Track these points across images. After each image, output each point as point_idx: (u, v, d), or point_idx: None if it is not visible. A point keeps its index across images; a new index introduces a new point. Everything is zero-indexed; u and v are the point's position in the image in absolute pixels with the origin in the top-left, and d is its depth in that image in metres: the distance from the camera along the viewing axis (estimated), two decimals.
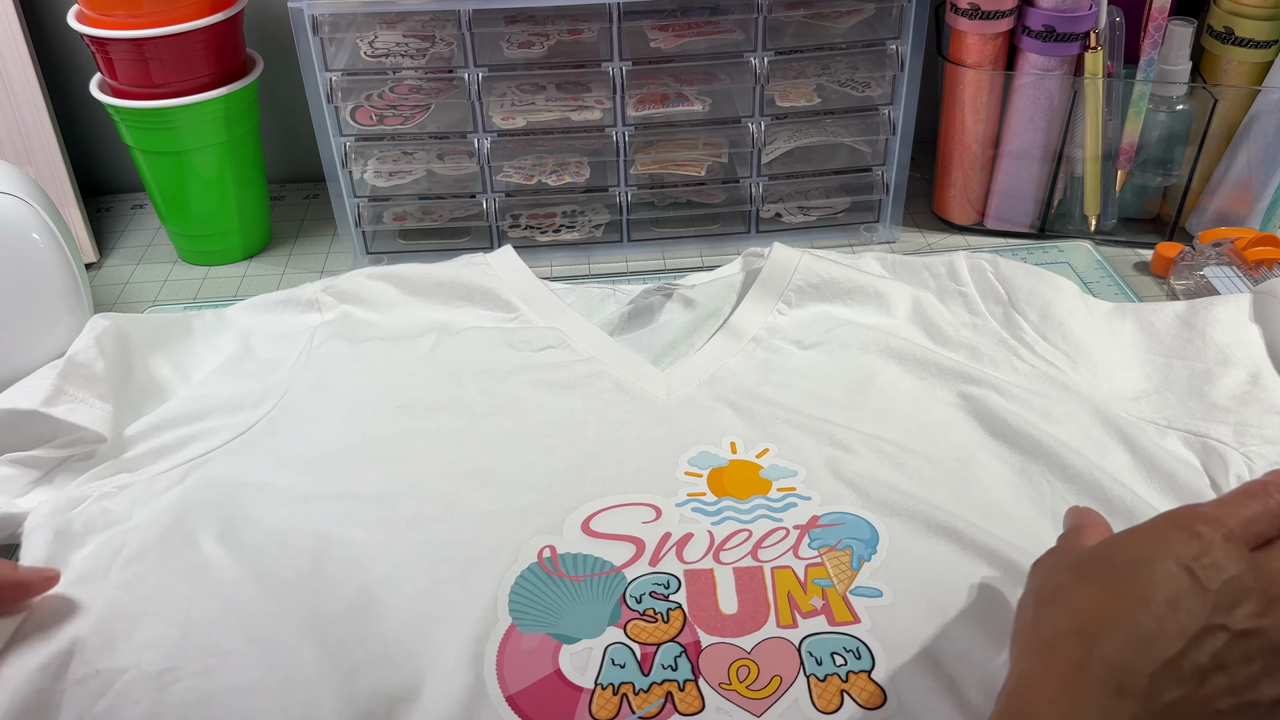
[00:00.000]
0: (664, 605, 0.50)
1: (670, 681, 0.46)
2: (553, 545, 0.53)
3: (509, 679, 0.46)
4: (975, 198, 0.83)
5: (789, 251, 0.71)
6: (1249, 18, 0.73)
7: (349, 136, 0.76)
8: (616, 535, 0.54)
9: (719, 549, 0.53)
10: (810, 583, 0.51)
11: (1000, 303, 0.67)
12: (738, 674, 0.47)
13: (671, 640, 0.48)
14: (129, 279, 0.82)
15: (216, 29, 0.74)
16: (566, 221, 0.82)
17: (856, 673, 0.46)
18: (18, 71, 0.79)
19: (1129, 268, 0.79)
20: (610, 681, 0.46)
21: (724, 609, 0.50)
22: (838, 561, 0.52)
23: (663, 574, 0.52)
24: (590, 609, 0.50)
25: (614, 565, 0.52)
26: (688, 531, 0.54)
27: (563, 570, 0.52)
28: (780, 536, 0.53)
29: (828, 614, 0.49)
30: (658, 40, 0.74)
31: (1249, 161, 0.76)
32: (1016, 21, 0.75)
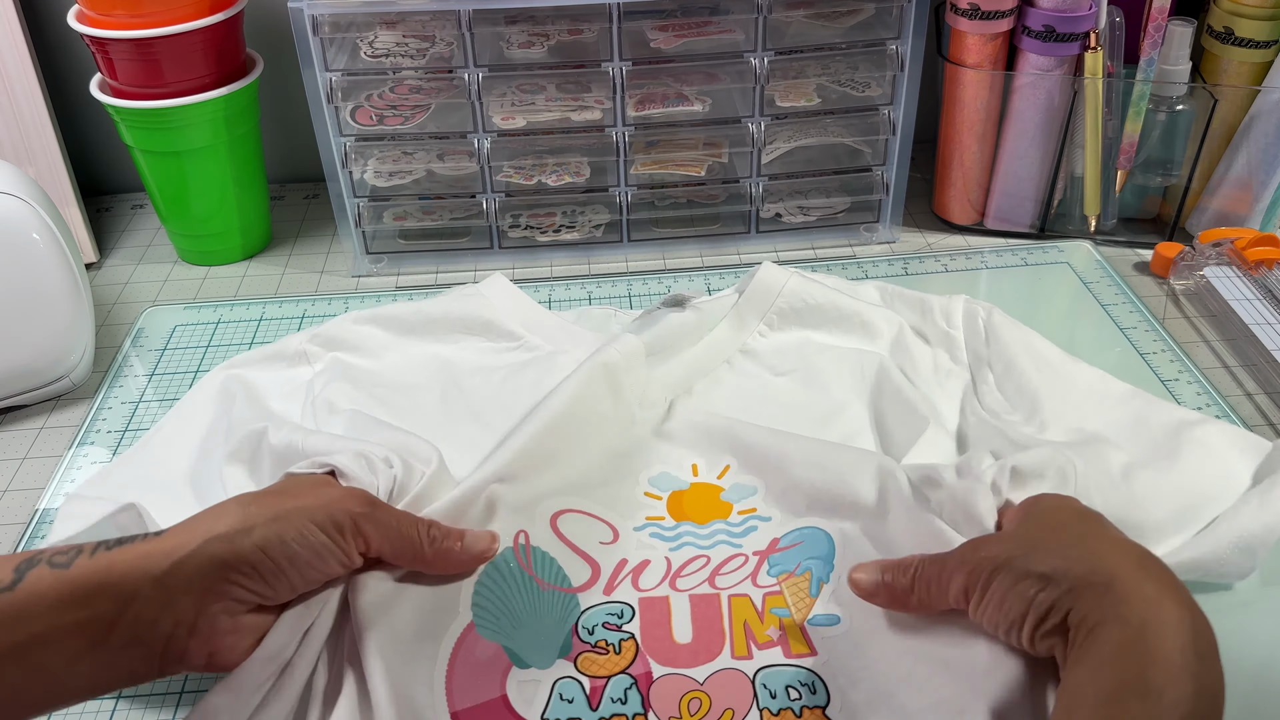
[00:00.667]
0: (616, 636, 0.49)
1: (619, 716, 0.45)
2: (527, 531, 0.52)
3: (457, 693, 0.45)
4: (975, 198, 0.83)
5: (776, 273, 0.68)
6: (1249, 18, 0.73)
7: (349, 136, 0.76)
8: (577, 549, 0.52)
9: (675, 575, 0.51)
10: (768, 612, 0.49)
11: (977, 353, 0.64)
12: (689, 707, 0.46)
13: (622, 672, 0.47)
14: (129, 279, 0.83)
15: (216, 29, 0.74)
16: (566, 221, 0.82)
17: (811, 708, 0.45)
18: (18, 71, 0.79)
19: (1129, 268, 0.79)
20: (556, 716, 0.45)
21: (678, 638, 0.48)
22: (796, 589, 0.50)
23: (617, 603, 0.50)
24: (546, 629, 0.48)
25: (572, 585, 0.51)
26: (644, 559, 0.52)
27: (532, 567, 0.50)
28: (739, 564, 0.52)
29: (784, 645, 0.48)
30: (658, 40, 0.74)
31: (1249, 161, 0.76)
32: (1016, 21, 0.75)
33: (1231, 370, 0.68)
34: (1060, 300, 0.75)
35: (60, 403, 0.69)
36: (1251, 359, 0.69)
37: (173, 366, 0.71)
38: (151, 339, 0.75)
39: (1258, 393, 0.66)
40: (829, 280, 0.70)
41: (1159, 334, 0.71)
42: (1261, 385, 0.67)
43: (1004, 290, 0.76)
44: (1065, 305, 0.75)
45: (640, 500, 0.55)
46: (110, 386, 0.70)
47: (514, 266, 0.82)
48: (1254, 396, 0.66)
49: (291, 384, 0.64)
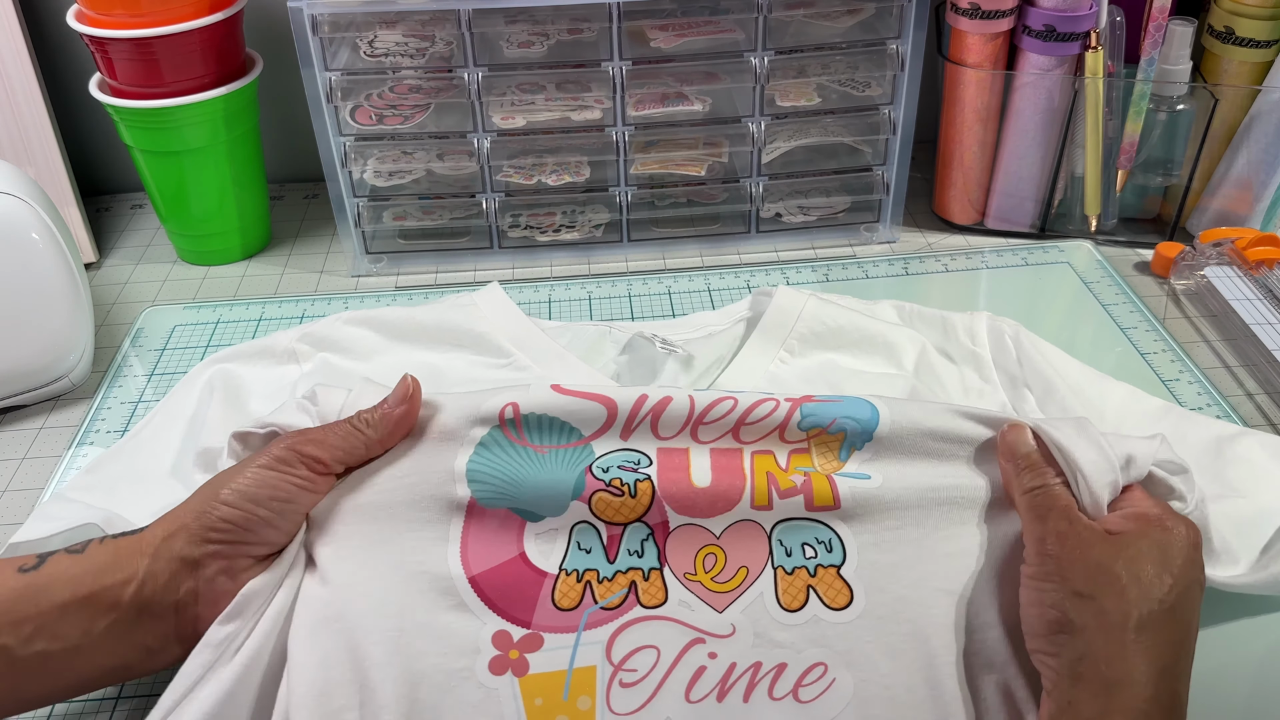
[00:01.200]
0: (632, 477, 0.47)
1: (635, 570, 0.45)
2: (516, 402, 0.48)
3: (472, 559, 0.45)
4: (975, 197, 0.83)
5: (793, 296, 0.66)
6: (1249, 17, 0.72)
7: (349, 136, 0.76)
8: (586, 393, 0.48)
9: (698, 421, 0.48)
10: (793, 468, 0.48)
11: (1010, 373, 0.62)
12: (704, 563, 0.46)
13: (638, 520, 0.46)
14: (128, 279, 0.82)
15: (216, 29, 0.74)
16: (566, 221, 0.82)
17: (825, 567, 0.45)
18: (17, 71, 0.79)
19: (1129, 268, 0.78)
20: (575, 568, 0.45)
21: (696, 482, 0.47)
22: (825, 448, 0.48)
23: (633, 450, 0.48)
24: (554, 478, 0.47)
25: (582, 435, 0.48)
26: (666, 395, 0.48)
27: (525, 437, 0.48)
28: (769, 409, 0.48)
29: (807, 494, 0.46)
30: (658, 40, 0.74)
31: (1249, 161, 0.76)
32: (1017, 21, 0.75)
33: (1232, 370, 0.68)
34: (1061, 300, 0.75)
35: (60, 403, 0.69)
36: (1252, 359, 0.69)
37: (172, 366, 0.71)
38: (151, 339, 0.75)
39: (1258, 392, 0.66)
40: (845, 300, 0.68)
41: (1159, 334, 0.71)
42: (1262, 385, 0.67)
43: (1004, 290, 0.76)
44: (1066, 305, 0.75)
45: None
46: (110, 386, 0.70)
47: (514, 266, 0.82)
48: (1254, 396, 0.66)
49: (277, 383, 0.63)
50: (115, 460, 0.59)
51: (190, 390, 0.63)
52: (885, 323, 0.65)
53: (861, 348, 0.64)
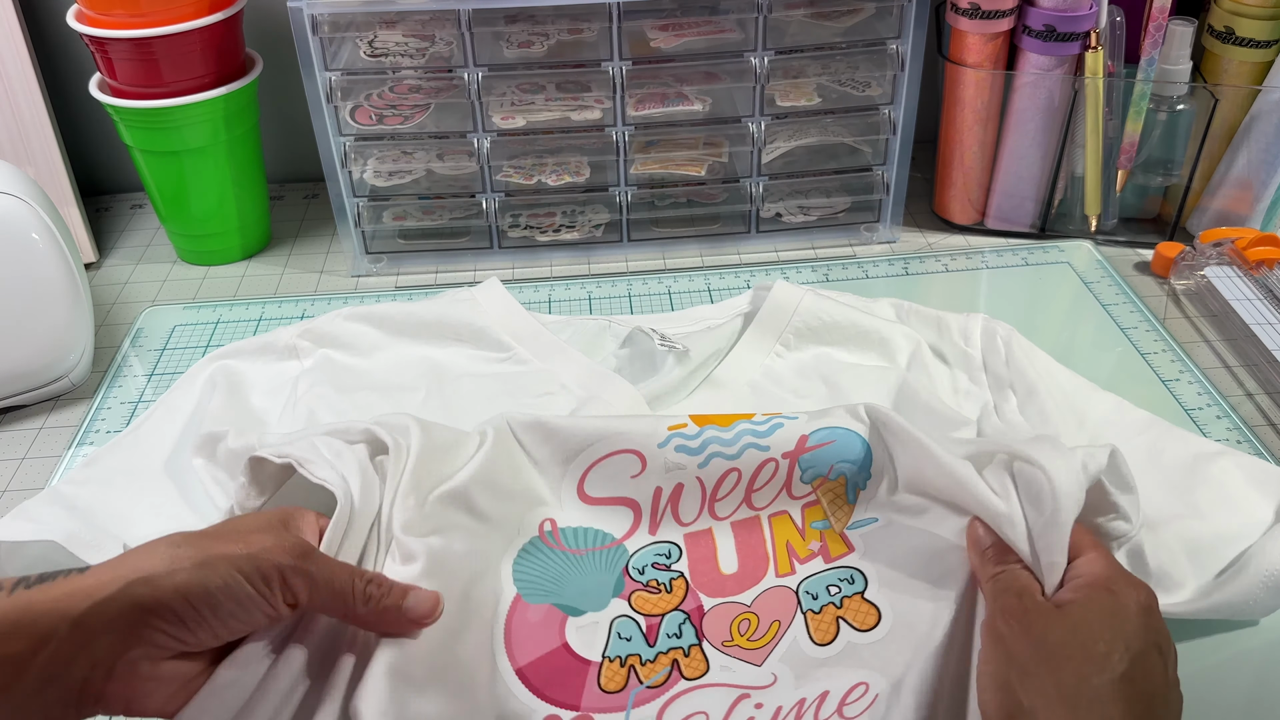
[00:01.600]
0: (666, 575, 0.50)
1: (675, 649, 0.47)
2: (553, 519, 0.52)
3: (517, 652, 0.46)
4: (976, 197, 0.83)
5: (790, 290, 0.67)
6: (1249, 17, 0.72)
7: (348, 136, 0.76)
8: (611, 499, 0.52)
9: (712, 501, 0.52)
10: (808, 527, 0.51)
11: (997, 374, 0.63)
12: (739, 629, 0.48)
13: (675, 609, 0.49)
14: (128, 279, 0.82)
15: (216, 28, 0.74)
16: (566, 221, 0.82)
17: (850, 596, 0.48)
18: (17, 71, 0.79)
19: (1130, 268, 0.78)
20: (617, 654, 0.47)
21: (724, 569, 0.50)
22: (833, 495, 0.52)
23: (663, 543, 0.51)
24: (594, 580, 0.50)
25: (615, 537, 0.52)
26: (677, 483, 0.52)
27: (564, 544, 0.51)
28: (770, 472, 0.51)
29: (824, 553, 0.50)
30: (658, 40, 0.74)
31: (1249, 161, 0.76)
32: (1017, 21, 0.75)
33: (1232, 370, 0.68)
34: (1061, 300, 0.75)
35: (59, 403, 0.69)
36: (1252, 359, 0.69)
37: (172, 366, 0.71)
38: (151, 339, 0.74)
39: (1258, 393, 0.66)
40: (843, 297, 0.68)
41: (1160, 334, 0.71)
42: (1262, 385, 0.67)
43: (1004, 290, 0.76)
44: (1066, 305, 0.75)
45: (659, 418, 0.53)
46: (109, 386, 0.70)
47: (514, 266, 0.82)
48: (1255, 396, 0.66)
49: (279, 378, 0.64)
50: (113, 454, 0.59)
51: (191, 386, 0.63)
52: (881, 319, 0.66)
53: (856, 343, 0.65)
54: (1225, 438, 0.62)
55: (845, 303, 0.67)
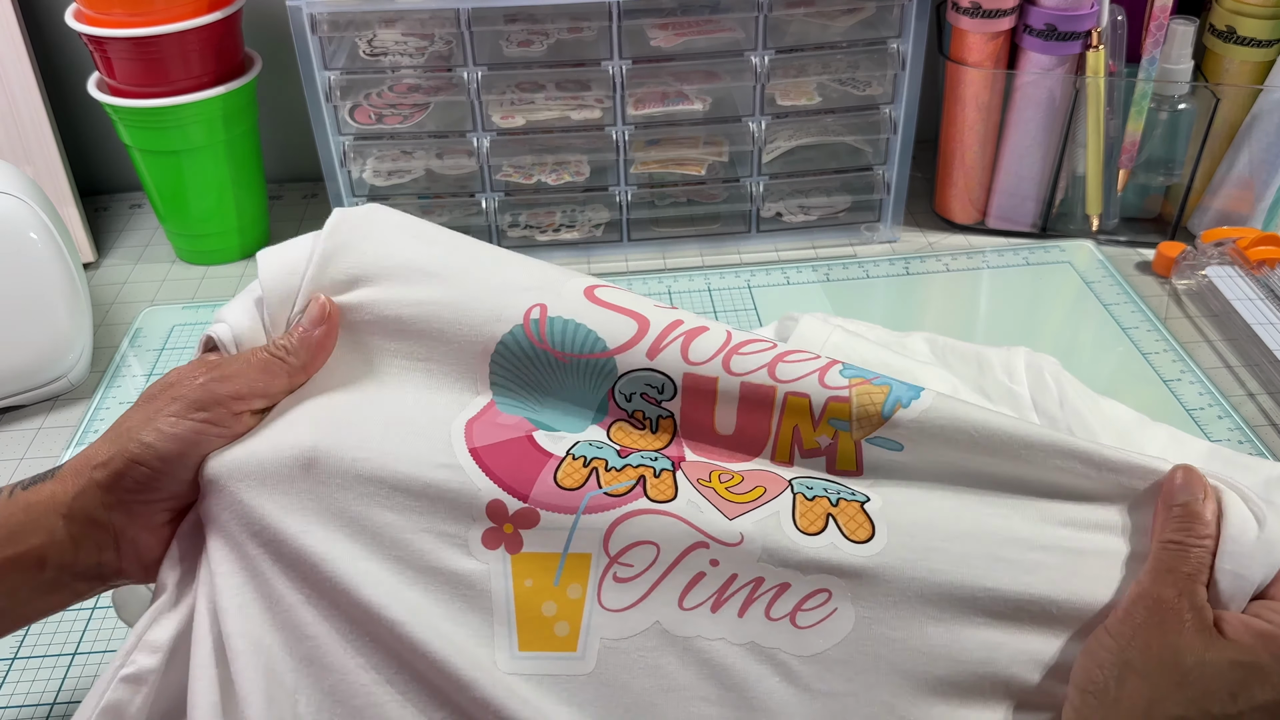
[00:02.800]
0: (654, 411, 0.44)
1: (646, 467, 0.42)
2: (544, 304, 0.45)
3: (476, 435, 0.42)
4: (977, 197, 0.83)
5: (818, 326, 0.62)
6: (1251, 16, 0.72)
7: (348, 135, 0.76)
8: (621, 308, 0.45)
9: (732, 352, 0.45)
10: (824, 421, 0.44)
11: (1051, 415, 0.58)
12: (719, 477, 0.43)
13: (656, 451, 0.44)
14: (127, 279, 0.82)
15: (215, 28, 0.74)
16: (566, 220, 0.82)
17: (849, 500, 0.42)
18: (16, 70, 0.79)
19: (1131, 267, 0.78)
20: (583, 454, 0.42)
21: (719, 428, 0.44)
22: (868, 400, 0.44)
23: (658, 373, 0.44)
24: (576, 396, 0.44)
25: (607, 347, 0.44)
26: (701, 325, 0.45)
27: (548, 340, 0.44)
28: (808, 356, 0.45)
29: (830, 456, 0.44)
30: (658, 39, 0.74)
31: (1251, 161, 0.76)
32: (1018, 20, 0.75)
33: (1234, 370, 0.68)
34: (1062, 300, 0.75)
35: (58, 403, 0.69)
36: (1254, 359, 0.69)
37: (171, 366, 0.71)
38: (149, 339, 0.74)
39: (1260, 393, 0.66)
40: (873, 333, 0.65)
41: (1161, 334, 0.71)
42: (1264, 385, 0.67)
43: (1006, 290, 0.76)
44: (1067, 305, 0.74)
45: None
46: (108, 386, 0.70)
47: None
48: (1256, 396, 0.66)
49: None
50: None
51: None
52: (913, 360, 0.61)
53: None
54: (1227, 438, 0.62)
55: (875, 340, 0.62)
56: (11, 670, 0.52)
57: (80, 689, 0.51)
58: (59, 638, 0.53)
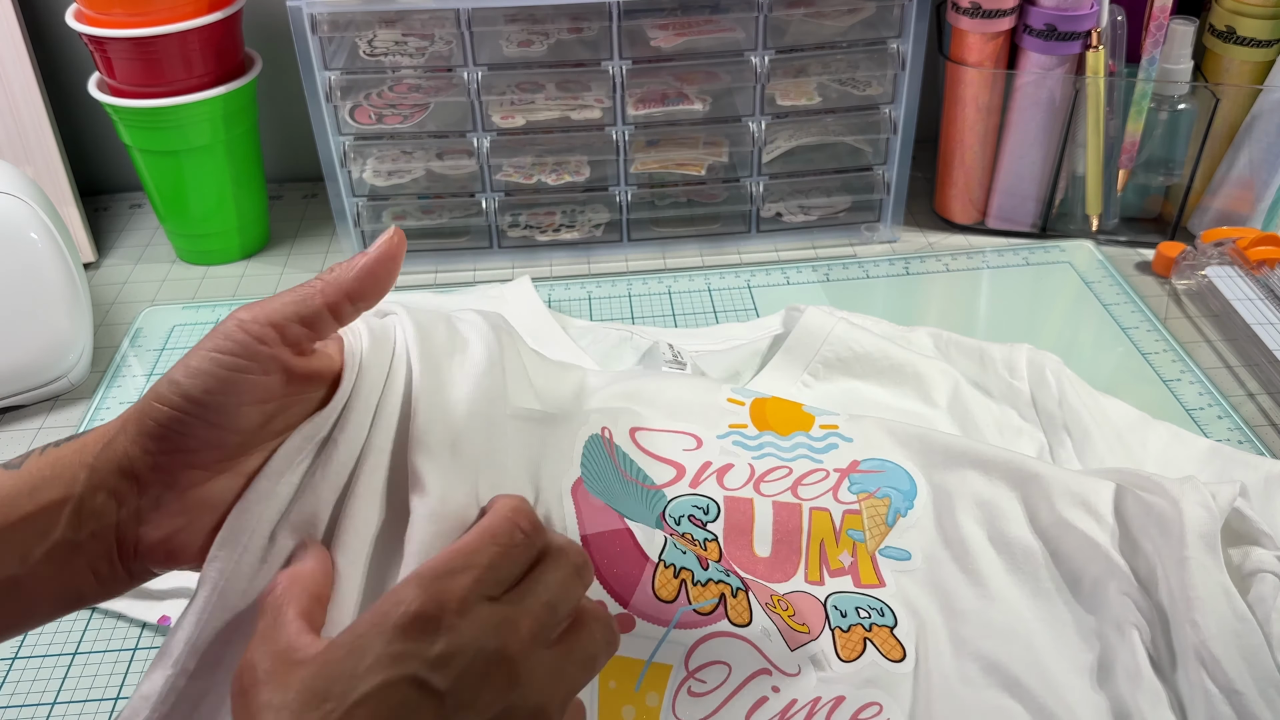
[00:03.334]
0: (701, 534, 0.48)
1: (724, 584, 0.45)
2: (610, 428, 0.48)
3: (586, 520, 0.43)
4: (976, 197, 0.83)
5: (822, 318, 0.64)
6: (1251, 16, 0.72)
7: (348, 135, 0.76)
8: (658, 456, 0.50)
9: (760, 480, 0.51)
10: (844, 533, 0.50)
11: (1050, 413, 0.59)
12: (779, 604, 0.47)
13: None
14: (127, 279, 0.82)
15: (215, 28, 0.74)
16: (566, 221, 0.82)
17: (880, 626, 0.47)
18: (16, 70, 0.79)
19: (1131, 267, 0.78)
20: (673, 563, 0.44)
21: (758, 551, 0.49)
22: (874, 512, 0.51)
23: (703, 496, 0.49)
24: (639, 510, 0.47)
25: (655, 483, 0.49)
26: (728, 462, 0.51)
27: (615, 458, 0.48)
28: (820, 478, 0.51)
29: (854, 574, 0.49)
30: (658, 39, 0.74)
31: (1251, 161, 0.76)
32: (1018, 20, 0.75)
33: (1233, 370, 0.68)
34: (1062, 300, 0.75)
35: (58, 403, 0.69)
36: (1254, 359, 0.69)
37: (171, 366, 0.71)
38: (150, 339, 0.74)
39: (1260, 393, 0.66)
40: (878, 326, 0.66)
41: (1161, 334, 0.71)
42: (1264, 385, 0.67)
43: (1005, 290, 0.76)
44: (1067, 305, 0.74)
45: (723, 407, 0.53)
46: (108, 387, 0.70)
47: (513, 266, 0.81)
48: (1256, 397, 0.66)
49: None
50: None
51: None
52: (916, 353, 0.63)
53: (889, 377, 0.61)
54: (1227, 438, 0.62)
55: (880, 333, 0.64)
56: (11, 670, 0.52)
57: (80, 689, 0.51)
58: (59, 638, 0.53)
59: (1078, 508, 0.49)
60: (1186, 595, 0.43)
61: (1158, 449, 0.58)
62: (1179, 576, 0.44)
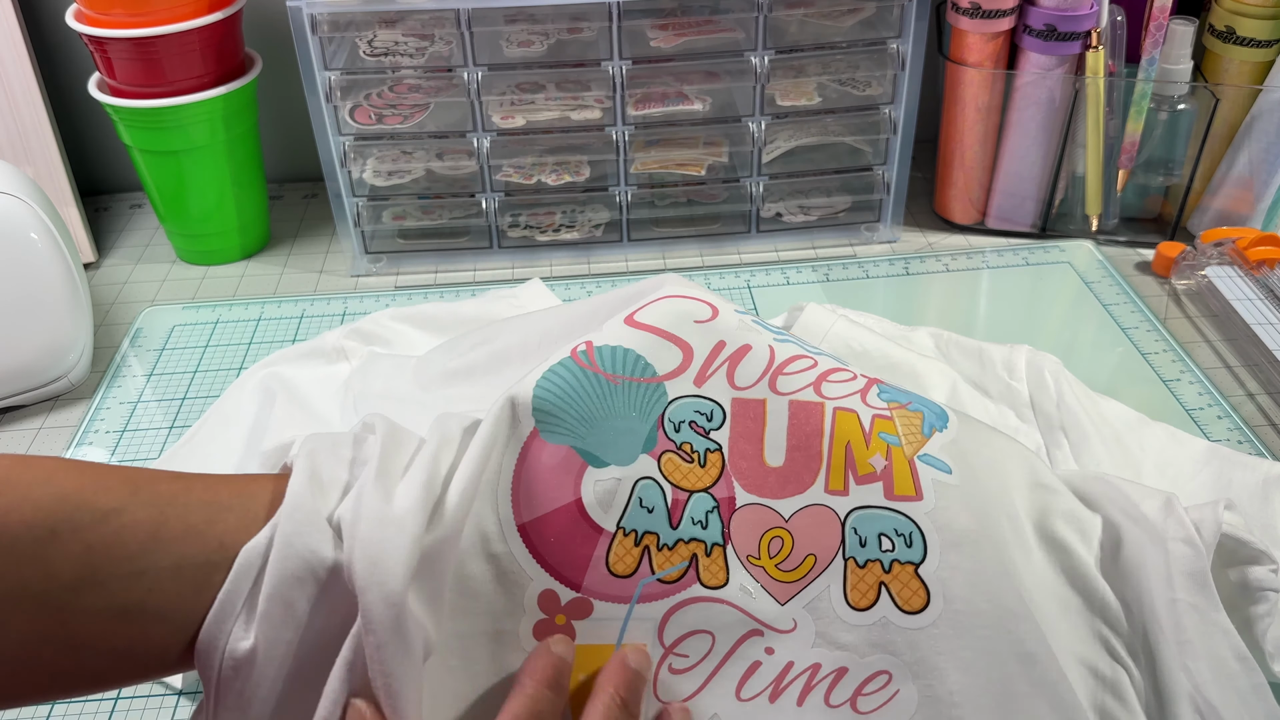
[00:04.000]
0: (703, 443, 0.42)
1: (697, 542, 0.41)
2: (590, 339, 0.44)
3: (524, 502, 0.40)
4: (976, 197, 0.83)
5: (822, 315, 0.63)
6: (1250, 17, 0.72)
7: (348, 136, 0.76)
8: (663, 331, 0.44)
9: (777, 372, 0.44)
10: (875, 435, 0.43)
11: (1047, 414, 0.59)
12: (769, 547, 0.41)
13: (705, 490, 0.42)
14: (128, 279, 0.82)
15: (215, 28, 0.74)
16: (566, 221, 0.82)
17: (902, 563, 0.41)
18: (16, 71, 0.79)
19: (1130, 267, 0.78)
20: (634, 528, 0.40)
21: (769, 459, 0.43)
22: (908, 421, 0.44)
23: (706, 399, 0.43)
24: (625, 422, 0.42)
25: (656, 373, 0.43)
26: (745, 343, 0.45)
27: (598, 364, 0.43)
28: (847, 377, 0.45)
29: (887, 481, 0.42)
30: (658, 39, 0.74)
31: (1250, 161, 0.76)
32: (1017, 20, 0.75)
33: (1233, 370, 0.68)
34: (1061, 300, 0.75)
35: (58, 403, 0.69)
36: (1253, 359, 0.69)
37: (171, 366, 0.71)
38: (150, 339, 0.74)
39: (1259, 393, 0.66)
40: (879, 325, 0.66)
41: (1160, 334, 0.71)
42: (1263, 385, 0.67)
43: (1005, 290, 0.76)
44: (1066, 305, 0.74)
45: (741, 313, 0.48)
46: (109, 387, 0.70)
47: (513, 266, 0.81)
48: (1256, 397, 0.66)
49: (332, 382, 0.63)
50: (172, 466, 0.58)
51: (242, 394, 0.63)
52: (915, 353, 0.62)
53: (886, 376, 0.60)
54: (1226, 438, 0.62)
55: (880, 331, 0.64)
56: None
57: None
58: None
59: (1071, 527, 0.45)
60: (1178, 640, 0.41)
61: (1155, 450, 0.57)
62: (1170, 619, 0.42)
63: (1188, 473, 0.55)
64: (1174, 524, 0.43)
